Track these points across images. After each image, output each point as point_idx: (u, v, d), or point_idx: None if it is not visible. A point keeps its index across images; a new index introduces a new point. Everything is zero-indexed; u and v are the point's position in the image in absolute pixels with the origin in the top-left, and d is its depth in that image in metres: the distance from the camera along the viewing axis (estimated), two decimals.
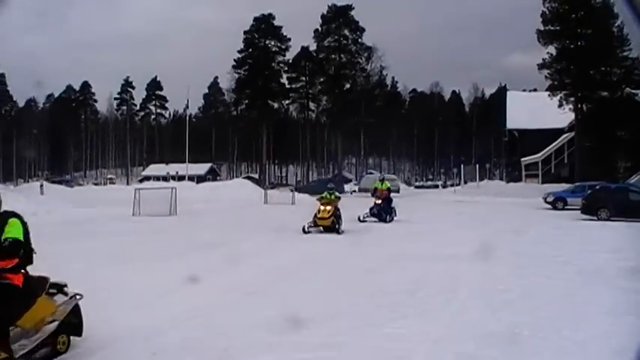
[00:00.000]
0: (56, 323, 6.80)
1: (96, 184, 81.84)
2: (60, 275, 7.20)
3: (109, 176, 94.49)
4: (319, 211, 22.11)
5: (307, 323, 7.94)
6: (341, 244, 19.46)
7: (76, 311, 7.17)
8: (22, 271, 6.40)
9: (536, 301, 9.75)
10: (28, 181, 76.14)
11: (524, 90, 73.94)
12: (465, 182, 65.38)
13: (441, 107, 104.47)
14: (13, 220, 6.33)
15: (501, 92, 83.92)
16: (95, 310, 7.41)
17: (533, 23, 58.12)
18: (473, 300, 10.00)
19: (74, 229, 22.89)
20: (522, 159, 59.95)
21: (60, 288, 7.14)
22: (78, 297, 7.20)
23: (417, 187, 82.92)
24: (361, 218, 25.99)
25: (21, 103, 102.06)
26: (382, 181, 28.67)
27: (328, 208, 22.02)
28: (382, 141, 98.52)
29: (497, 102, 77.70)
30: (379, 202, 26.83)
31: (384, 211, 26.58)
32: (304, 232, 21.44)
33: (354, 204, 28.82)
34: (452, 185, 72.82)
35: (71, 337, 7.06)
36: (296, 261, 15.14)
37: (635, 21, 3.51)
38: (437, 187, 79.21)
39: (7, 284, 6.18)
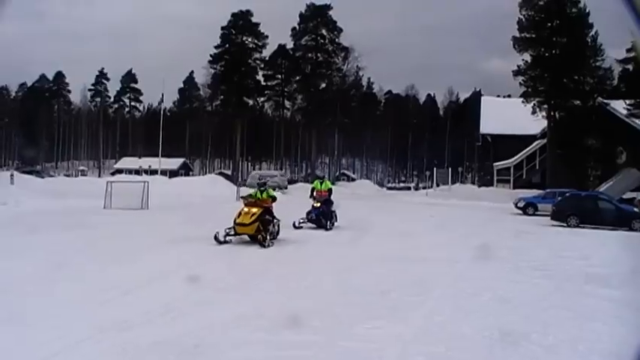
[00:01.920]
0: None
1: (67, 176, 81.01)
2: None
3: (81, 168, 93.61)
4: (239, 214, 18.05)
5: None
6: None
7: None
8: None
9: (506, 306, 9.87)
10: None
11: (498, 96, 74.43)
12: (438, 185, 65.75)
13: (416, 110, 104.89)
14: None
15: (476, 97, 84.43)
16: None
17: (511, 29, 58.41)
18: (444, 303, 10.10)
19: (43, 220, 22.70)
20: (495, 164, 60.34)
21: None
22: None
23: (389, 188, 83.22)
24: (296, 224, 23.02)
25: None
26: (322, 180, 25.47)
27: (253, 210, 17.97)
28: (356, 141, 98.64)
29: (472, 106, 78.10)
30: (318, 205, 23.74)
31: (323, 216, 23.51)
32: (217, 241, 17.50)
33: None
34: (424, 188, 73.07)
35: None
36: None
37: (635, 21, 3.58)
38: (409, 189, 79.47)
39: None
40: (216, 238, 17.36)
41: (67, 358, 6.90)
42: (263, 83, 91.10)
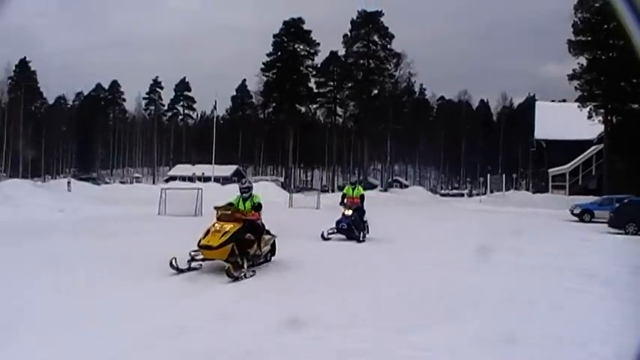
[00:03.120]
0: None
1: (122, 183, 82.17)
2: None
3: (136, 175, 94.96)
4: (207, 232, 13.13)
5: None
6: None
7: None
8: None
9: (562, 314, 9.61)
10: (56, 178, 76.86)
11: (553, 100, 73.30)
12: (491, 192, 64.91)
13: (469, 115, 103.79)
14: None
15: (530, 102, 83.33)
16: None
17: (566, 33, 57.46)
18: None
19: (98, 226, 22.98)
20: (550, 170, 59.39)
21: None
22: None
23: (442, 195, 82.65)
24: (325, 235, 20.82)
25: (51, 101, 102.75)
26: (354, 185, 22.93)
27: (227, 227, 13.01)
28: (409, 148, 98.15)
29: (526, 112, 77.14)
30: (349, 213, 21.21)
31: (355, 226, 20.99)
32: (174, 268, 12.72)
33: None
34: (478, 194, 72.33)
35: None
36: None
37: (635, 21, 3.46)
38: (462, 195, 78.82)
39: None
40: (172, 265, 12.49)
41: None
42: (315, 90, 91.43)
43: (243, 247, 13.15)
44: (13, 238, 17.57)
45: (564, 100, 70.32)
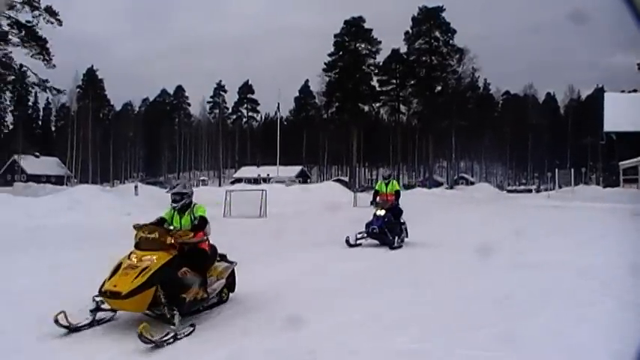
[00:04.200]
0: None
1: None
2: None
3: (202, 178, 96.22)
4: (116, 268, 8.22)
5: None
6: None
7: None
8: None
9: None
10: (124, 183, 78.20)
11: (622, 91, 71.47)
12: (560, 187, 63.55)
13: (535, 109, 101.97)
14: None
15: (598, 94, 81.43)
16: None
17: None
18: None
19: None
20: (620, 163, 57.79)
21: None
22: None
23: (509, 191, 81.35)
24: (351, 241, 17.02)
25: (118, 107, 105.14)
26: (387, 180, 18.70)
27: (148, 261, 8.11)
28: (474, 144, 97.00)
29: (594, 104, 75.40)
30: (381, 213, 17.51)
31: (389, 229, 17.32)
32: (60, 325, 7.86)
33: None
34: (546, 190, 70.90)
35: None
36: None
37: (635, 21, 3.28)
38: (530, 191, 77.46)
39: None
40: (57, 322, 7.82)
41: None
42: (378, 89, 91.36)
43: (174, 290, 8.15)
44: (86, 243, 17.77)
45: (635, 91, 68.58)
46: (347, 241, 17.16)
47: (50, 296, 9.23)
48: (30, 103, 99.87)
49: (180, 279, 8.27)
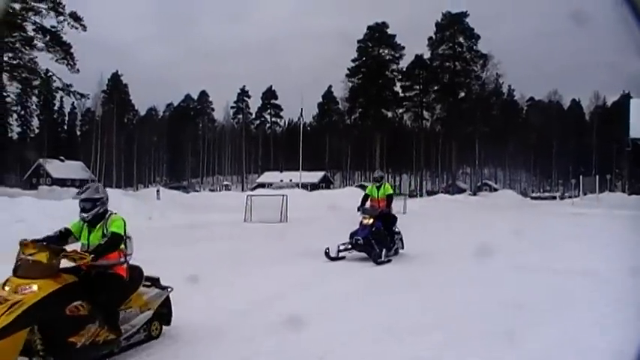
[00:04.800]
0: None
1: (212, 191, 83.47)
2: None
3: (225, 183, 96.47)
4: None
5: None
6: None
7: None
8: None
9: None
10: (147, 187, 78.71)
11: None
12: (584, 194, 63.14)
13: (560, 116, 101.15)
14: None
15: (624, 100, 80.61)
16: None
17: None
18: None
19: (183, 233, 23.26)
20: None
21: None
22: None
23: (533, 198, 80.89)
24: (331, 254, 15.10)
25: (142, 112, 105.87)
26: (379, 183, 16.32)
27: (34, 290, 5.94)
28: (498, 151, 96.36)
29: (620, 110, 74.65)
30: (368, 222, 15.32)
31: (377, 240, 15.07)
32: None
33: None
34: (570, 197, 70.39)
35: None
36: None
37: (635, 21, 3.24)
38: (554, 198, 76.98)
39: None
40: None
41: None
42: (401, 94, 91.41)
43: (58, 333, 6.12)
44: None
45: None
46: (327, 254, 15.11)
47: None
48: (55, 108, 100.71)
49: (69, 317, 6.14)
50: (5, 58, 53.13)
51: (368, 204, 16.15)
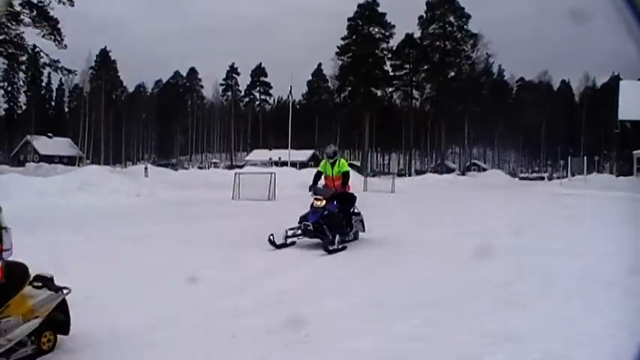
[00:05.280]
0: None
1: (201, 168, 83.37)
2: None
3: (214, 161, 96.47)
4: None
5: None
6: None
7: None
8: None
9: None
10: (135, 164, 78.48)
11: (639, 79, 70.76)
12: (573, 175, 63.21)
13: (550, 97, 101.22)
14: None
15: (614, 82, 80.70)
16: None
17: None
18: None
19: (171, 210, 23.20)
20: (635, 152, 57.29)
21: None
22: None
23: (521, 178, 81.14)
24: (276, 240, 12.82)
25: (131, 88, 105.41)
26: (334, 160, 14.21)
27: None
28: (487, 131, 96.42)
29: (610, 92, 74.74)
30: (320, 204, 13.34)
31: (329, 224, 13.10)
32: None
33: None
34: (558, 178, 70.58)
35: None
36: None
37: (635, 21, 3.17)
38: (542, 179, 77.12)
39: None
40: None
41: None
42: (391, 73, 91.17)
43: None
44: (97, 223, 17.79)
45: None
46: (271, 241, 12.81)
47: None
48: (43, 84, 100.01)
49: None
50: None
51: (321, 183, 14.21)
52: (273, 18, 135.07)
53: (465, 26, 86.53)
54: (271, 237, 12.86)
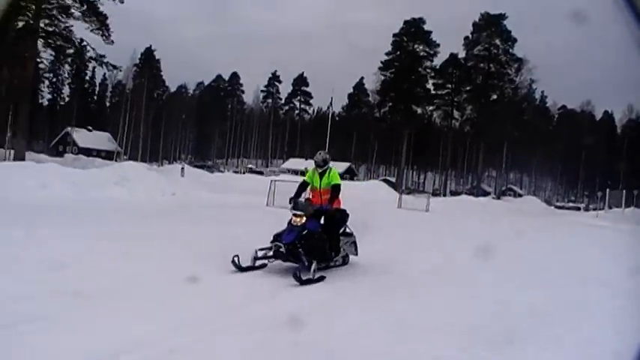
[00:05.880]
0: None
1: (236, 172, 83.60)
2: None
3: (249, 166, 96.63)
4: None
5: None
6: None
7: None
8: None
9: None
10: (172, 163, 79.02)
11: None
12: (610, 207, 62.37)
13: (591, 127, 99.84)
14: None
15: None
16: None
17: None
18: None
19: (204, 212, 23.26)
20: None
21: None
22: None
23: (557, 207, 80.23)
24: (242, 262, 11.02)
25: (172, 88, 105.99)
26: (323, 169, 12.44)
27: None
28: (525, 156, 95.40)
29: None
30: (299, 220, 11.46)
31: (307, 247, 11.17)
32: None
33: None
34: (594, 209, 69.66)
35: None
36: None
37: (635, 21, 3.15)
38: (579, 209, 76.27)
39: None
40: None
41: None
42: (432, 92, 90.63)
43: None
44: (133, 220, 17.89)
45: None
46: (235, 263, 10.84)
47: None
48: (87, 78, 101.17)
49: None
50: (41, 25, 53.30)
51: (306, 195, 12.26)
52: (318, 29, 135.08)
53: (511, 50, 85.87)
54: (236, 259, 10.85)
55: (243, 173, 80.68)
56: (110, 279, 9.34)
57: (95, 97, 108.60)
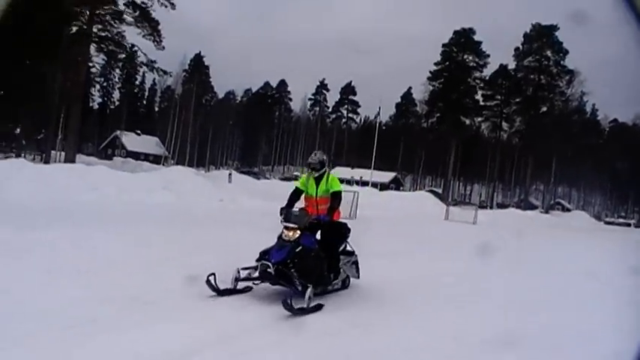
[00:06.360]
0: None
1: (282, 180, 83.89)
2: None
3: (295, 173, 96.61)
4: None
5: None
6: None
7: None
8: None
9: None
10: (218, 169, 79.56)
11: None
12: None
13: None
14: None
15: None
16: None
17: None
18: None
19: (254, 219, 23.26)
20: None
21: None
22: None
23: (606, 222, 78.83)
24: (219, 284, 8.97)
25: (221, 95, 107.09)
26: (320, 173, 10.00)
27: None
28: (574, 170, 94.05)
29: None
30: (292, 235, 9.13)
31: (300, 268, 8.92)
32: None
33: None
34: None
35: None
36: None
37: (635, 21, 3.00)
38: (629, 225, 74.83)
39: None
40: None
41: None
42: (481, 103, 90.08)
43: None
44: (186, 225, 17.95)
45: None
46: (211, 284, 8.89)
47: None
48: (137, 83, 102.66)
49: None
50: (94, 30, 54.07)
51: (300, 205, 10.04)
52: (367, 38, 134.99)
53: (562, 61, 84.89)
54: (211, 278, 8.90)
55: (290, 181, 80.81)
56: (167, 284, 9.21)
57: (144, 102, 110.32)
